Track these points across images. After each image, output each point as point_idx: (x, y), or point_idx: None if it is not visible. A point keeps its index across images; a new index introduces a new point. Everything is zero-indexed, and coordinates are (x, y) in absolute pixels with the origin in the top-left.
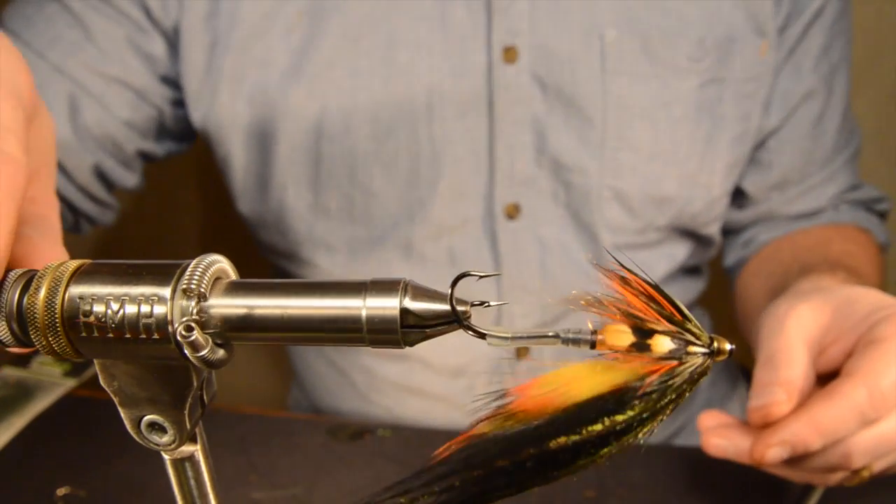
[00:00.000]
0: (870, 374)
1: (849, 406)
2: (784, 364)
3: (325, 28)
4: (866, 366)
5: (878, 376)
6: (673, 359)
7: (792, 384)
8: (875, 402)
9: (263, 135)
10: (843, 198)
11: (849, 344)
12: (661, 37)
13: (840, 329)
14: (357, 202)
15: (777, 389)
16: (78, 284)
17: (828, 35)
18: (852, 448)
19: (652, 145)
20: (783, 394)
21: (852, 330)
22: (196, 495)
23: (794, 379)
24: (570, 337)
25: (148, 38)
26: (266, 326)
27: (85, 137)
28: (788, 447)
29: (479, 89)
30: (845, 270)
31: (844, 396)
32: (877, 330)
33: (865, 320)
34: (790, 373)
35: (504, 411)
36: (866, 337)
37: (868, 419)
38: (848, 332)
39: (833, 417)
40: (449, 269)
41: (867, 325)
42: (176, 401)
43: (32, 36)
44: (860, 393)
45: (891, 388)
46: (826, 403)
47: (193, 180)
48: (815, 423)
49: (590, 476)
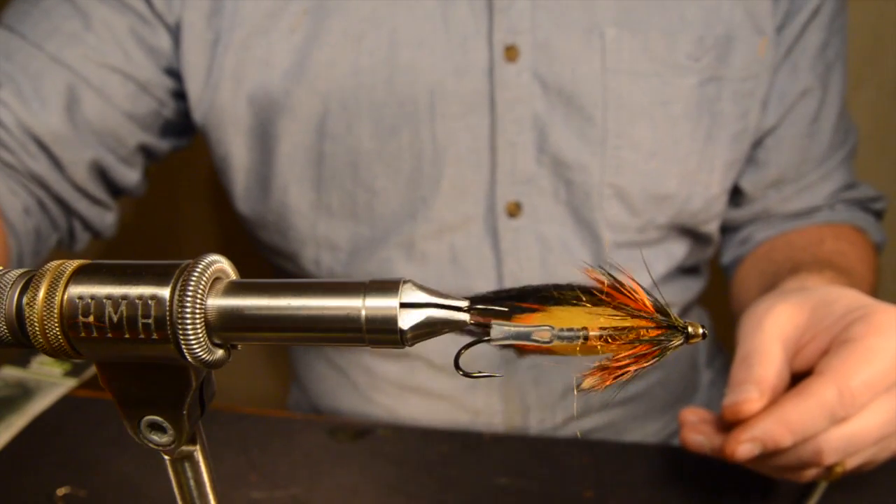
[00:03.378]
0: (840, 373)
1: (818, 404)
2: (758, 362)
3: (327, 27)
4: (837, 365)
5: (849, 375)
6: (656, 343)
7: (765, 382)
8: (845, 401)
9: (265, 134)
10: (839, 196)
11: (824, 343)
12: (660, 35)
13: (816, 329)
14: (359, 201)
15: (750, 387)
16: (77, 284)
17: (825, 33)
18: (823, 445)
19: (652, 143)
20: (756, 391)
21: (828, 330)
22: (196, 495)
23: (768, 377)
24: (564, 335)
25: (152, 29)
26: (265, 327)
27: (83, 131)
28: (759, 444)
29: (481, 88)
30: (835, 270)
31: (814, 395)
32: (850, 330)
33: (841, 320)
34: (764, 371)
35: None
36: (840, 337)
37: (838, 417)
38: (824, 331)
39: (803, 415)
40: (451, 267)
41: (842, 326)
42: (175, 401)
43: (28, 28)
44: (830, 391)
45: (861, 387)
46: (796, 402)
47: (194, 181)
48: (785, 420)
49: (590, 476)
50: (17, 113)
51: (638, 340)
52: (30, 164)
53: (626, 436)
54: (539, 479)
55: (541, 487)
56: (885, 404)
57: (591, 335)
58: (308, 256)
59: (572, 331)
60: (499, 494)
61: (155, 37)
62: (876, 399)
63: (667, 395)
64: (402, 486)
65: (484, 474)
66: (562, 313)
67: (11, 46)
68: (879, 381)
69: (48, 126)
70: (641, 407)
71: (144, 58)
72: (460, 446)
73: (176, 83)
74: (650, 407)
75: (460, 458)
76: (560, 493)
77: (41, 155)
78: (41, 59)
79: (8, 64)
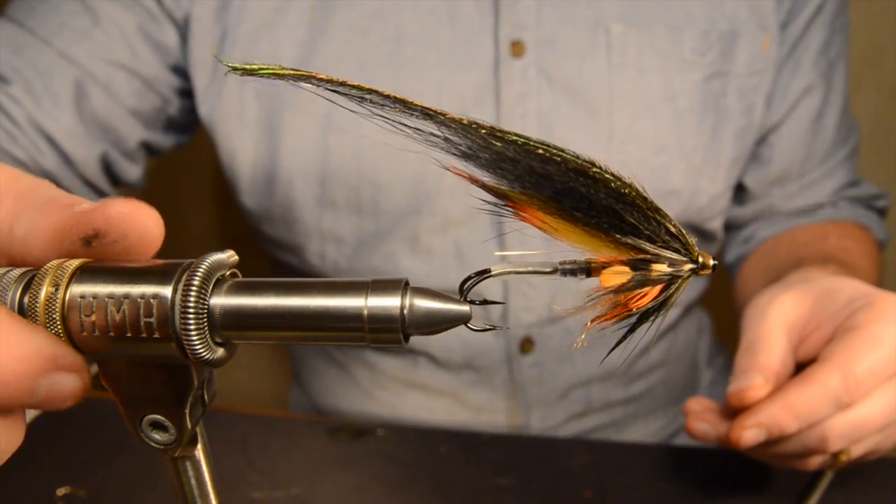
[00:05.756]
0: (844, 359)
1: (823, 390)
2: (763, 350)
3: (333, 22)
4: (842, 352)
5: (853, 362)
6: (665, 280)
7: (769, 369)
8: (849, 387)
9: (271, 128)
10: (841, 194)
11: (828, 332)
12: (666, 30)
13: (820, 318)
14: (364, 195)
15: (754, 374)
16: (79, 284)
17: (828, 31)
18: (828, 432)
19: (658, 138)
20: (760, 378)
21: (832, 318)
22: (196, 495)
23: (772, 364)
24: (566, 269)
25: (159, 26)
26: (267, 326)
27: (91, 126)
28: (764, 430)
29: (487, 83)
30: (838, 264)
31: (819, 381)
32: (854, 318)
33: (844, 309)
34: (768, 359)
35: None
36: (844, 325)
37: (842, 403)
38: (828, 320)
39: (808, 401)
40: (456, 261)
41: (846, 314)
42: (177, 400)
43: (37, 23)
44: (835, 378)
45: (865, 373)
46: (801, 388)
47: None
48: (790, 406)
49: (589, 476)
50: (28, 110)
51: (643, 262)
52: (40, 161)
53: (628, 434)
54: (539, 479)
55: (541, 487)
56: (890, 391)
57: (594, 265)
58: (313, 250)
59: (575, 263)
60: (499, 494)
61: (162, 33)
62: (880, 386)
63: (668, 394)
64: (402, 486)
65: (484, 474)
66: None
67: (19, 41)
68: (883, 369)
69: (60, 123)
70: (643, 406)
71: (151, 55)
72: (460, 446)
73: (180, 80)
74: (652, 406)
75: (460, 458)
76: (560, 493)
77: (51, 152)
78: (50, 55)
79: (16, 59)
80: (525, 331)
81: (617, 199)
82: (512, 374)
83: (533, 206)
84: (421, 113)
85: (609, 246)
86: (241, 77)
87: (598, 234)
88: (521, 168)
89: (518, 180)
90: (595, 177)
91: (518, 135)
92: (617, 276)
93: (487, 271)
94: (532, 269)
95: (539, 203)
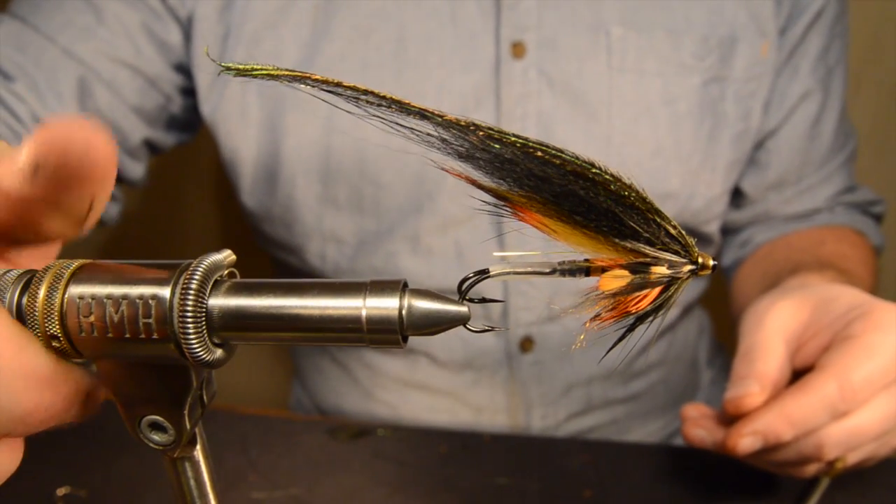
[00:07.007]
0: (841, 368)
1: (819, 398)
2: (760, 357)
3: (336, 22)
4: (838, 360)
5: (850, 371)
6: (664, 282)
7: (766, 377)
8: (845, 396)
9: (273, 127)
10: (838, 199)
11: (826, 340)
12: (665, 34)
13: (818, 325)
14: (366, 194)
15: (751, 382)
16: (78, 284)
17: (827, 37)
18: (824, 440)
19: (656, 141)
20: (757, 385)
21: (829, 327)
22: (196, 495)
23: (769, 372)
24: (565, 269)
25: (163, 24)
26: (266, 327)
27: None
28: (761, 437)
29: (488, 84)
30: (835, 270)
31: (815, 389)
32: (851, 327)
33: (842, 317)
34: (765, 366)
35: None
36: (841, 333)
37: (838, 412)
38: (825, 328)
39: (804, 409)
40: (456, 261)
41: (843, 323)
42: (176, 401)
43: (41, 20)
44: (831, 386)
45: (861, 382)
46: (798, 396)
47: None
48: (786, 414)
49: (589, 476)
50: (32, 106)
51: (642, 265)
52: None
53: (628, 434)
54: (539, 479)
55: (541, 487)
56: (886, 400)
57: (594, 266)
58: (313, 250)
59: (574, 264)
60: (499, 494)
61: (166, 31)
62: (877, 395)
63: (668, 394)
64: (402, 486)
65: (484, 474)
66: (574, 235)
67: (24, 38)
68: (880, 377)
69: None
70: (643, 406)
71: (155, 53)
72: (460, 446)
73: (183, 79)
74: (652, 406)
75: (460, 458)
76: (560, 493)
77: None
78: (54, 52)
79: (21, 56)
80: (525, 330)
81: (616, 201)
82: (512, 373)
83: (532, 208)
84: (418, 114)
85: (608, 248)
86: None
87: (598, 237)
88: (519, 170)
89: (517, 182)
90: (594, 179)
91: (517, 136)
92: (616, 280)
93: (486, 271)
94: (531, 270)
95: (538, 205)
